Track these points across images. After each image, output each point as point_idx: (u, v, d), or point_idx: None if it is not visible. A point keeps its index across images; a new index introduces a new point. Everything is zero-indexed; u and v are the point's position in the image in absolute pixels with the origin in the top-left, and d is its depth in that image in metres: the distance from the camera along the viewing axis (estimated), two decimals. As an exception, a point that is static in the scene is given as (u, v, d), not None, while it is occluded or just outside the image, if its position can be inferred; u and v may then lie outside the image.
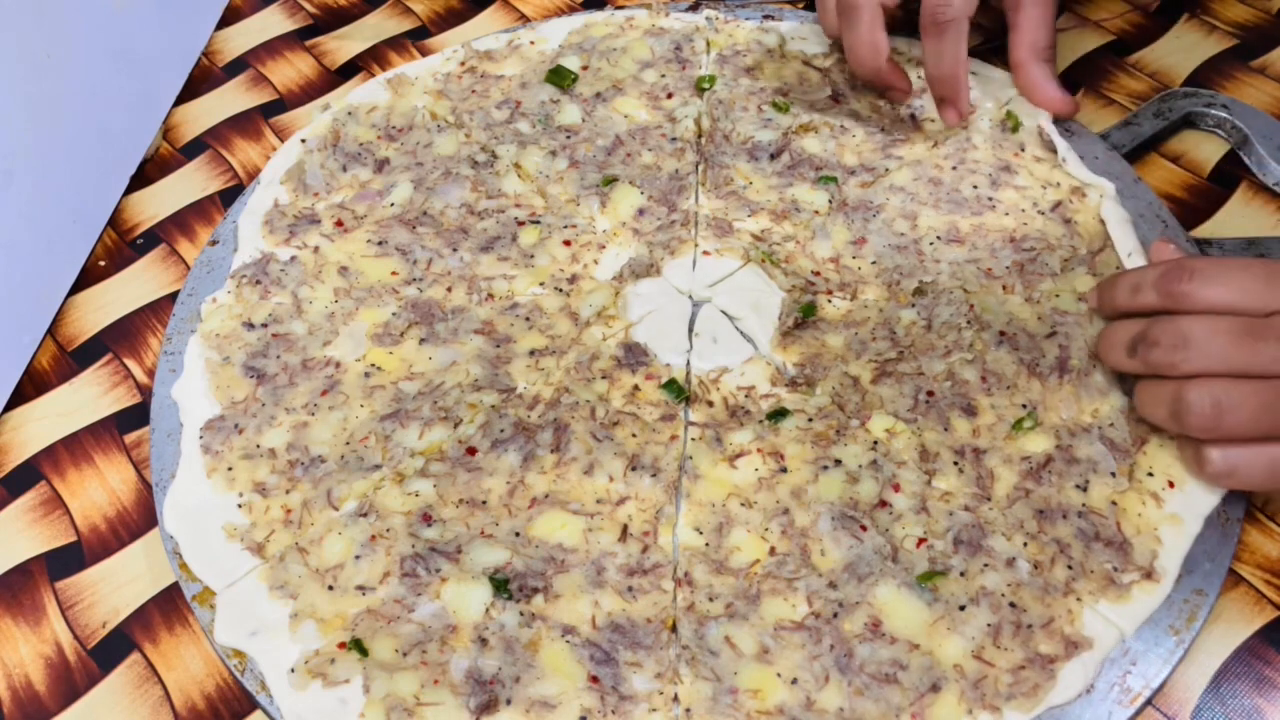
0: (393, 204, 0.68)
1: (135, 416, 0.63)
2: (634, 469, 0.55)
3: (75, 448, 0.62)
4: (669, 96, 0.73)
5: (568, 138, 0.71)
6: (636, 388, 0.59)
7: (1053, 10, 0.66)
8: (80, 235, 0.70)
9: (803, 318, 0.60)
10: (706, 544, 0.52)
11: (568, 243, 0.65)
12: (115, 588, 0.56)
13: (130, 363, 0.65)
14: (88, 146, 0.70)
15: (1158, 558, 0.50)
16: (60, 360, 0.66)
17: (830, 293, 0.62)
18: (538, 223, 0.67)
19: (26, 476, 0.61)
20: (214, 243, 0.67)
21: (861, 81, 0.71)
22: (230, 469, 0.56)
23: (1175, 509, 0.52)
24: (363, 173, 0.70)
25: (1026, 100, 0.68)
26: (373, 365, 0.60)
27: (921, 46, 0.65)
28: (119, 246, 0.72)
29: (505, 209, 0.67)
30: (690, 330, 0.61)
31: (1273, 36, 0.77)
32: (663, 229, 0.66)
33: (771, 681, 0.48)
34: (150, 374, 0.64)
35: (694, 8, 0.80)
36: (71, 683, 0.53)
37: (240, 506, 0.55)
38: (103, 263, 0.71)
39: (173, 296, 0.67)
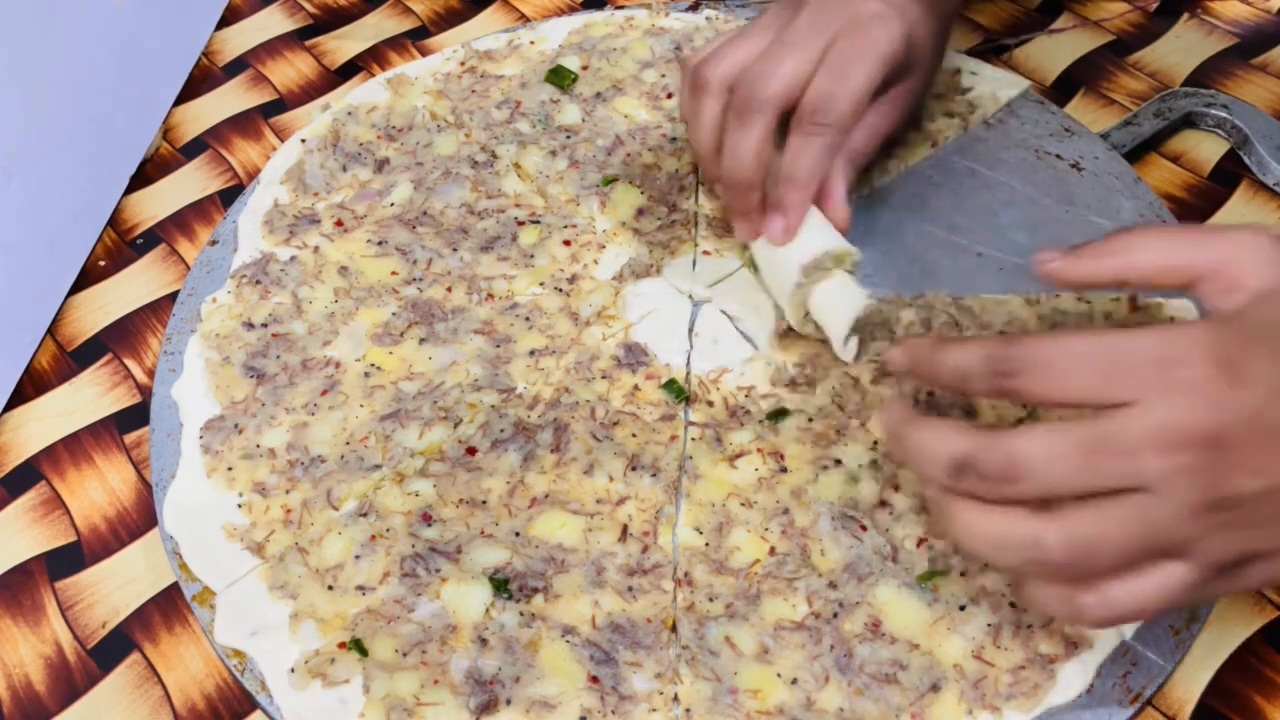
0: (393, 204, 0.68)
1: (135, 416, 0.63)
2: (634, 469, 0.55)
3: (75, 448, 0.62)
4: (669, 96, 0.73)
5: (568, 138, 0.71)
6: (636, 388, 0.59)
7: (891, 127, 0.60)
8: (80, 235, 0.70)
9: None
10: (706, 544, 0.52)
11: (568, 243, 0.65)
12: (115, 588, 0.56)
13: (130, 363, 0.65)
14: (88, 146, 0.70)
15: (1158, 558, 0.50)
16: (60, 360, 0.66)
17: (830, 293, 0.62)
18: (538, 223, 0.67)
19: (26, 476, 0.61)
20: (214, 243, 0.67)
21: (722, 195, 0.61)
22: (230, 469, 0.56)
23: (1175, 509, 0.52)
24: (363, 173, 0.70)
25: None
26: (373, 365, 0.60)
27: (786, 141, 0.56)
28: (119, 246, 0.72)
29: (505, 209, 0.67)
30: (690, 330, 0.61)
31: (1273, 35, 0.77)
32: (663, 229, 0.66)
33: (771, 681, 0.48)
34: (150, 374, 0.64)
35: (694, 8, 0.80)
36: (71, 683, 0.53)
37: (240, 506, 0.55)
38: (103, 263, 0.71)
39: (173, 296, 0.67)
